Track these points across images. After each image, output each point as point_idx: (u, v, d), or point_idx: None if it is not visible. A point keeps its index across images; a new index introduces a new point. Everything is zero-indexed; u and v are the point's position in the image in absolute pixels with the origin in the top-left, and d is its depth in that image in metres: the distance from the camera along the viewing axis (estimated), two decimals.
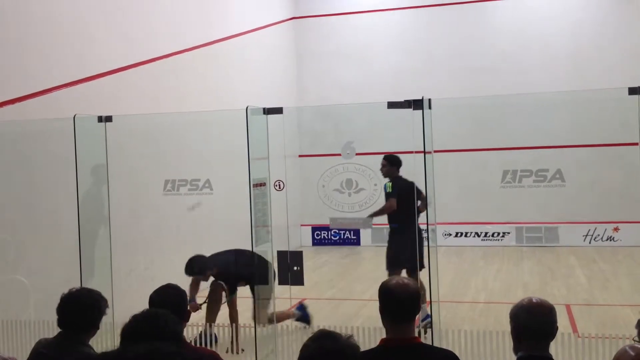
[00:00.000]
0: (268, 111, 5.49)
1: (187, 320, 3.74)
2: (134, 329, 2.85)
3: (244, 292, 7.16)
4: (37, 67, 7.22)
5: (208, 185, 5.77)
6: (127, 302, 3.74)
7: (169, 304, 3.39)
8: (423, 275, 5.97)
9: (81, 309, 3.48)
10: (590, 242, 12.97)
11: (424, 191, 5.85)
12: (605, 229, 12.89)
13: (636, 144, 4.82)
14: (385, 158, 7.59)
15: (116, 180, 6.47)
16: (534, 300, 3.06)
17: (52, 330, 4.66)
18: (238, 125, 5.32)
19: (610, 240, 12.08)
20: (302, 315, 7.24)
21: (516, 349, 3.02)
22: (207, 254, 10.25)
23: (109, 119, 5.77)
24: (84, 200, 5.82)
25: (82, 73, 7.88)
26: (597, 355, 4.92)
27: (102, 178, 5.96)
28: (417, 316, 3.16)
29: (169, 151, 9.17)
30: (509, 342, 5.05)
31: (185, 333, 3.73)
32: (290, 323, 6.72)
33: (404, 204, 6.97)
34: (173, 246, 9.63)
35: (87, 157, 5.79)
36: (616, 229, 12.39)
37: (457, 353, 3.35)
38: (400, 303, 3.13)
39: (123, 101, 8.48)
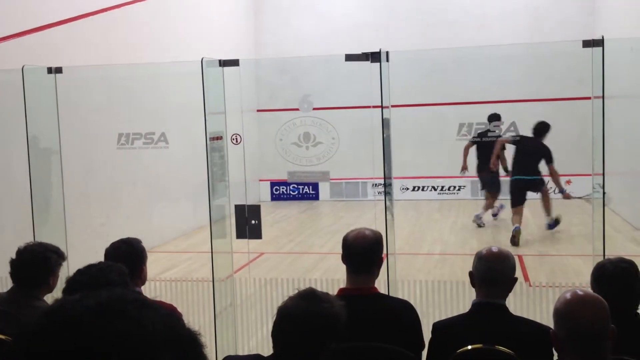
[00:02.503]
0: (224, 63, 5.38)
1: (143, 278, 3.65)
2: (77, 282, 2.80)
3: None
4: None
5: (163, 138, 5.66)
6: (82, 258, 3.68)
7: (122, 259, 3.34)
8: None
9: (33, 262, 3.43)
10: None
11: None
12: None
13: (589, 97, 4.89)
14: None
15: (68, 133, 6.31)
16: (492, 250, 3.12)
17: (5, 285, 4.59)
18: (193, 77, 5.21)
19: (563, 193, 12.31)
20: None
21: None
22: (165, 208, 10.17)
23: (59, 70, 5.58)
24: (35, 155, 5.67)
25: (31, 23, 7.60)
26: (547, 303, 5.07)
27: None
28: None
29: (123, 104, 8.98)
30: (462, 291, 5.18)
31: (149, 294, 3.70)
32: (248, 275, 6.73)
33: None
34: (128, 201, 9.52)
35: (37, 110, 5.61)
36: (568, 182, 12.63)
37: (412, 302, 3.41)
38: (357, 255, 3.17)
39: (74, 53, 8.23)
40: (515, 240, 9.24)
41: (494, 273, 3.01)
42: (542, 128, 9.83)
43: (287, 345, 2.33)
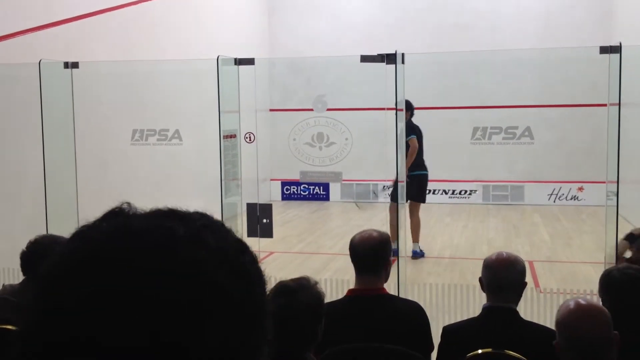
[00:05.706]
0: (239, 62, 5.41)
1: None
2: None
3: None
4: (2, 11, 6.98)
5: (177, 135, 5.70)
6: None
7: None
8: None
9: (40, 255, 3.44)
10: (554, 201, 13.20)
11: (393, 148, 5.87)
12: (570, 189, 13.11)
13: (605, 104, 4.87)
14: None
15: (83, 128, 6.36)
16: (503, 255, 3.12)
17: (18, 277, 4.62)
18: (208, 75, 5.24)
19: (575, 200, 12.29)
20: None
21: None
22: (176, 205, 10.13)
23: (75, 65, 5.63)
24: (50, 149, 5.72)
25: (48, 18, 7.65)
26: (557, 309, 5.05)
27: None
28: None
29: (138, 100, 9.02)
30: (472, 295, 5.17)
31: None
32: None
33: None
34: (141, 197, 9.54)
35: (53, 104, 5.65)
36: (581, 189, 12.60)
37: (422, 305, 3.41)
38: (363, 256, 3.18)
39: (90, 48, 8.27)
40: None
41: (501, 280, 3.01)
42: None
43: (283, 342, 2.36)
